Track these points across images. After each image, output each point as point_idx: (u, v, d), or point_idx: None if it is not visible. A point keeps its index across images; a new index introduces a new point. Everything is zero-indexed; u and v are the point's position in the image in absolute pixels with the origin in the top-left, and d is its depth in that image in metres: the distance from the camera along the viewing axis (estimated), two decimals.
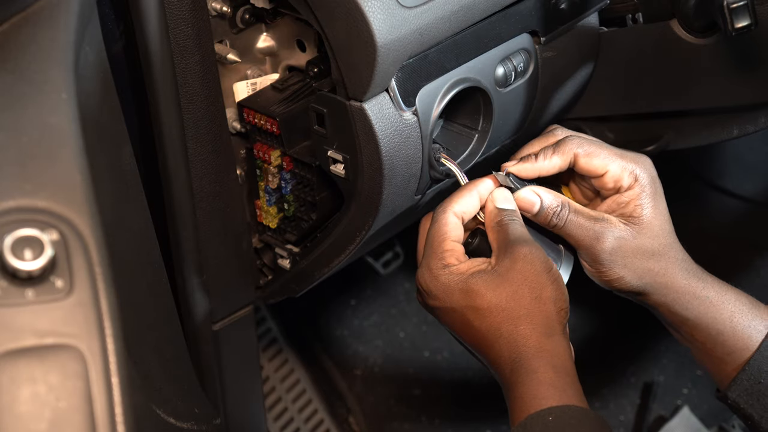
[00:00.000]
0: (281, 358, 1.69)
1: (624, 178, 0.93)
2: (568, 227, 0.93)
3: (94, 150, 0.66)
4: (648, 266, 0.94)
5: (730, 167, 1.84)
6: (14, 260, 0.57)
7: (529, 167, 0.95)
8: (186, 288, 1.04)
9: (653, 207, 0.94)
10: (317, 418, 1.65)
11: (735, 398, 0.93)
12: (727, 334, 0.93)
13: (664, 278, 0.94)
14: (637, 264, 0.93)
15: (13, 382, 0.56)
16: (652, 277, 0.94)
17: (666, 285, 0.94)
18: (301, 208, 1.05)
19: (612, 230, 0.93)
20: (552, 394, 0.83)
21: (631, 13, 1.12)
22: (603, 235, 0.92)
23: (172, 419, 0.84)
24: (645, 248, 0.93)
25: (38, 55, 0.66)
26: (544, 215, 0.93)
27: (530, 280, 0.87)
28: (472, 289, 0.88)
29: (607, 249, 0.92)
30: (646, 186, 0.93)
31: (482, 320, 0.87)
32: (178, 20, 0.90)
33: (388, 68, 0.87)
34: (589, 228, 0.93)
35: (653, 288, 0.95)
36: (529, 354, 0.85)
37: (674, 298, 0.94)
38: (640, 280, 0.94)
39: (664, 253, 0.94)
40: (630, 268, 0.93)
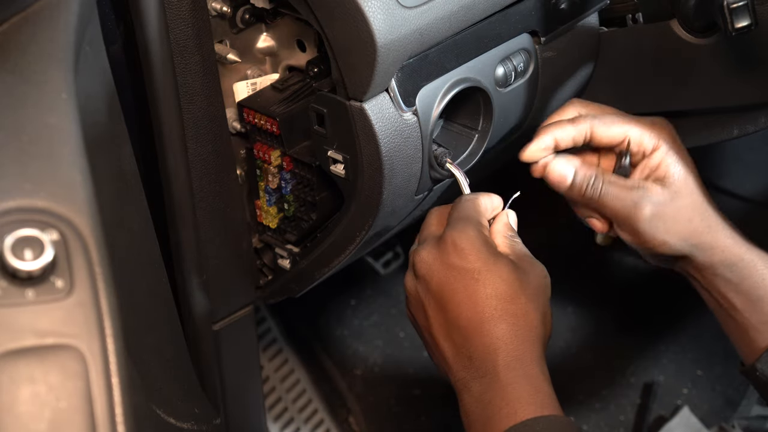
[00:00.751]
0: (281, 358, 1.69)
1: (645, 140, 0.92)
2: (604, 198, 0.91)
3: (94, 150, 0.66)
4: (692, 226, 0.92)
5: (730, 167, 1.84)
6: (14, 260, 0.57)
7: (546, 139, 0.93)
8: (186, 288, 1.04)
9: (684, 164, 0.93)
10: (317, 418, 1.65)
11: (764, 368, 0.91)
12: (766, 300, 0.92)
13: (709, 237, 0.93)
14: (681, 226, 0.92)
15: (13, 382, 0.56)
16: (698, 237, 0.92)
17: (712, 245, 0.93)
18: (301, 208, 1.05)
19: (650, 196, 0.91)
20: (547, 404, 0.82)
21: (631, 13, 1.12)
22: (641, 203, 0.91)
23: (172, 419, 0.84)
24: (686, 208, 0.92)
25: (38, 55, 0.66)
26: (579, 186, 0.92)
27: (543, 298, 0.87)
28: (501, 267, 0.85)
29: (647, 217, 0.91)
30: (670, 145, 0.93)
31: (499, 300, 0.84)
32: (178, 20, 0.90)
33: (388, 68, 0.87)
34: (626, 197, 0.91)
35: (699, 249, 0.93)
36: (532, 357, 0.84)
37: (720, 258, 0.93)
38: (686, 241, 0.93)
39: (703, 211, 0.93)
40: (673, 231, 0.92)
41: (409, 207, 1.03)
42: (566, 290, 1.79)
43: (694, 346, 1.74)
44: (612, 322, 1.81)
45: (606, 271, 1.83)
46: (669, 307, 1.77)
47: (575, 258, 0.97)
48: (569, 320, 1.78)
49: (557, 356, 1.75)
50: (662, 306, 1.78)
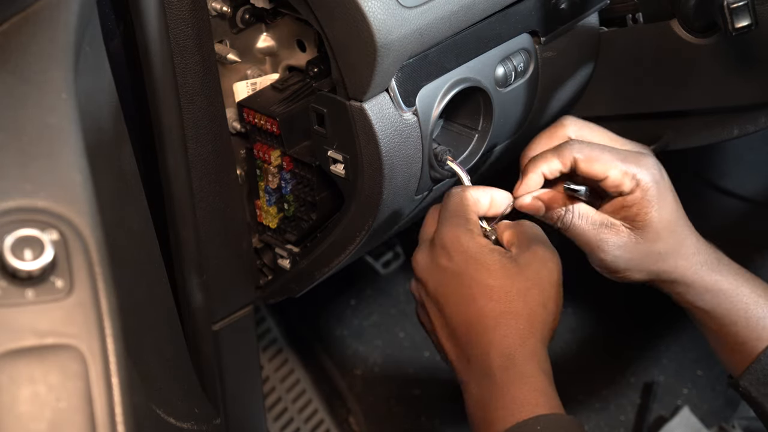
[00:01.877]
0: (281, 358, 1.69)
1: (625, 183, 0.90)
2: (572, 231, 0.93)
3: (94, 150, 0.66)
4: (654, 267, 0.93)
5: (730, 167, 1.84)
6: (14, 260, 0.57)
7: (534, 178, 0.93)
8: (186, 288, 1.04)
9: (658, 209, 0.91)
10: (317, 418, 1.65)
11: (746, 386, 0.93)
12: (741, 325, 0.93)
13: (674, 275, 0.93)
14: (643, 266, 0.93)
15: (13, 382, 0.56)
16: (659, 275, 0.94)
17: (676, 280, 0.94)
18: (301, 208, 1.05)
19: (615, 238, 0.92)
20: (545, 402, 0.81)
21: (631, 13, 1.12)
22: (604, 243, 0.92)
23: (172, 419, 0.84)
24: (650, 251, 0.92)
25: (38, 55, 0.66)
26: (550, 218, 0.93)
27: (543, 286, 0.86)
28: (489, 265, 0.85)
29: (608, 256, 0.92)
30: (648, 189, 0.91)
31: (487, 300, 0.84)
32: (178, 20, 0.90)
33: (388, 68, 0.87)
34: (592, 236, 0.92)
35: (662, 282, 0.95)
36: (525, 355, 0.83)
37: (685, 290, 0.94)
38: (647, 276, 0.94)
39: (672, 252, 0.93)
40: (635, 269, 0.93)
41: (409, 207, 1.03)
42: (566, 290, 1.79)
43: (694, 346, 1.74)
44: (612, 322, 1.81)
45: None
46: (669, 307, 1.76)
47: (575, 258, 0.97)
48: (569, 320, 1.78)
49: (557, 356, 1.75)
50: (662, 306, 1.77)
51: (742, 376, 0.93)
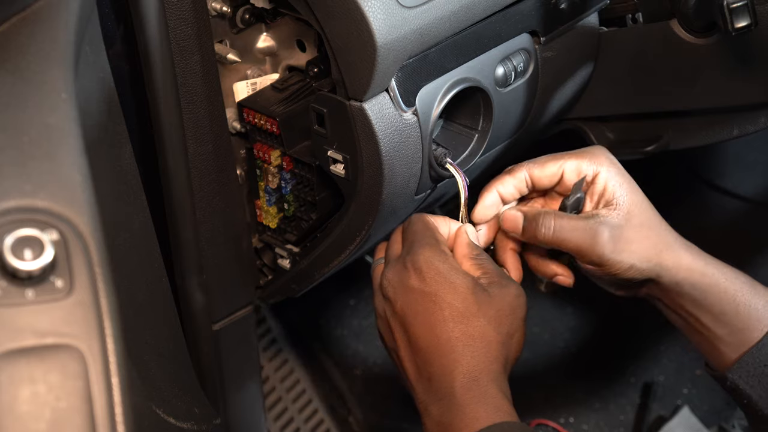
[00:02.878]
0: (281, 358, 1.69)
1: (583, 167, 0.93)
2: (560, 234, 0.91)
3: (94, 150, 0.66)
4: (652, 245, 0.92)
5: (730, 167, 1.84)
6: (14, 260, 0.57)
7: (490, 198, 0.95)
8: (186, 288, 1.04)
9: (628, 185, 0.93)
10: (317, 418, 1.65)
11: (735, 380, 0.93)
12: (730, 313, 0.92)
13: (671, 254, 0.93)
14: (642, 247, 0.92)
15: (13, 382, 0.56)
16: (660, 256, 0.92)
17: (675, 262, 0.93)
18: (301, 208, 1.05)
19: (605, 221, 0.91)
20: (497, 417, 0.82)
21: (631, 13, 1.12)
22: (598, 230, 0.91)
23: (172, 419, 0.84)
24: (642, 227, 0.92)
25: (38, 55, 0.66)
26: (530, 229, 0.93)
27: (511, 318, 0.87)
28: (461, 289, 0.86)
29: (607, 243, 0.91)
30: (610, 167, 0.93)
31: (457, 323, 0.85)
32: (178, 20, 0.90)
33: (388, 68, 0.87)
34: (583, 227, 0.91)
35: (663, 268, 0.93)
36: (489, 379, 0.84)
37: (684, 276, 0.93)
38: (650, 261, 0.92)
39: (660, 228, 0.93)
40: (637, 253, 0.92)
41: (409, 207, 1.03)
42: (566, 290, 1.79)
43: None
44: (612, 322, 1.81)
45: None
46: None
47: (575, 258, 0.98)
48: (569, 320, 1.79)
49: (557, 356, 1.75)
50: None
51: (731, 369, 0.93)
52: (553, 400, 1.68)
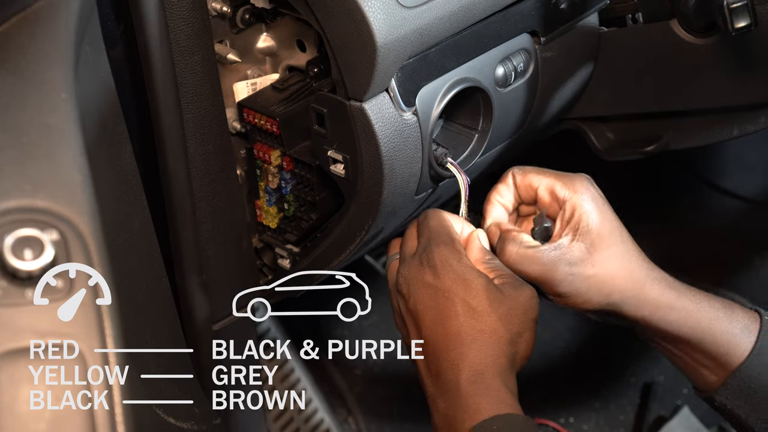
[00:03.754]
0: (281, 358, 1.69)
1: (557, 188, 0.92)
2: (519, 265, 0.91)
3: (94, 150, 0.66)
4: (615, 283, 0.91)
5: (730, 167, 1.84)
6: (14, 260, 0.57)
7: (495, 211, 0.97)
8: (186, 288, 1.04)
9: (598, 213, 0.91)
10: (317, 418, 1.65)
11: (722, 401, 0.92)
12: (708, 341, 0.91)
13: (635, 292, 0.91)
14: (602, 284, 0.91)
15: (13, 382, 0.56)
16: (622, 293, 0.91)
17: (638, 298, 0.91)
18: (301, 208, 1.05)
19: (565, 256, 0.90)
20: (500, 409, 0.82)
21: (631, 13, 1.12)
22: (556, 264, 0.90)
23: (172, 419, 0.84)
24: (606, 263, 0.90)
25: (38, 55, 0.66)
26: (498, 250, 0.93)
27: (523, 318, 0.87)
28: (475, 287, 0.86)
29: (564, 278, 0.90)
30: (583, 193, 0.91)
31: (468, 317, 0.85)
32: (178, 20, 0.90)
33: (388, 68, 0.87)
34: (541, 261, 0.90)
35: (625, 304, 0.92)
36: (494, 373, 0.84)
37: (650, 311, 0.92)
38: (608, 298, 0.91)
39: (625, 263, 0.91)
40: (594, 290, 0.91)
41: (409, 207, 1.03)
42: None
43: None
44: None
45: None
46: None
47: None
48: (569, 320, 1.78)
49: (557, 356, 1.75)
50: None
51: (717, 391, 0.92)
52: (553, 400, 1.67)
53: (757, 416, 0.91)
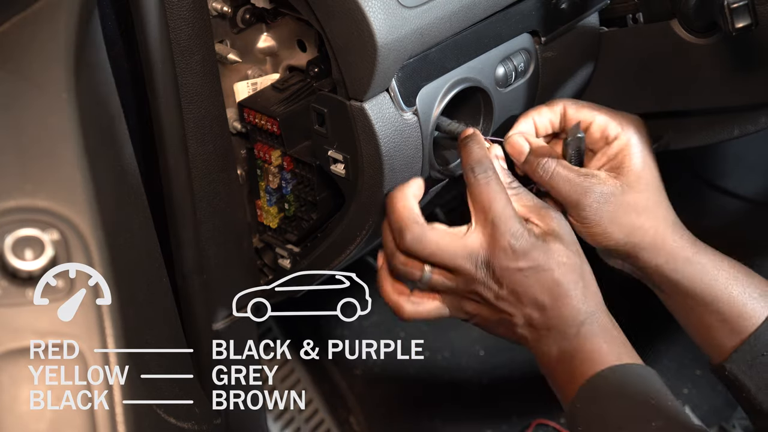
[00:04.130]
0: (282, 359, 1.69)
1: (610, 126, 0.94)
2: (554, 180, 0.93)
3: (94, 150, 0.66)
4: (637, 223, 0.93)
5: (730, 167, 1.84)
6: (15, 260, 0.57)
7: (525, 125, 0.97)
8: (186, 288, 1.04)
9: (642, 158, 0.94)
10: (317, 418, 1.65)
11: (733, 369, 0.92)
12: (723, 301, 0.92)
13: (654, 237, 0.93)
14: (626, 220, 0.93)
15: (13, 382, 0.56)
16: (641, 236, 0.93)
17: (656, 245, 0.94)
18: (302, 208, 1.05)
19: (599, 185, 0.93)
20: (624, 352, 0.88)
21: (632, 13, 1.12)
22: (589, 190, 0.92)
23: (172, 419, 0.84)
24: (634, 204, 0.93)
25: (38, 55, 0.66)
26: (531, 164, 0.94)
27: (576, 241, 0.91)
28: (553, 247, 0.88)
29: (593, 204, 0.92)
30: (633, 136, 0.94)
31: (567, 274, 0.88)
32: (179, 20, 0.90)
33: (389, 68, 0.87)
34: (576, 182, 0.92)
35: (643, 247, 0.94)
36: (600, 308, 0.89)
37: (666, 260, 0.94)
38: (628, 237, 0.94)
39: (653, 210, 0.94)
40: (618, 224, 0.93)
41: None
42: None
43: (694, 346, 1.73)
44: None
45: (606, 272, 1.83)
46: None
47: None
48: None
49: None
50: (662, 306, 1.77)
51: (729, 358, 0.92)
52: (554, 400, 1.67)
53: None
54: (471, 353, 1.73)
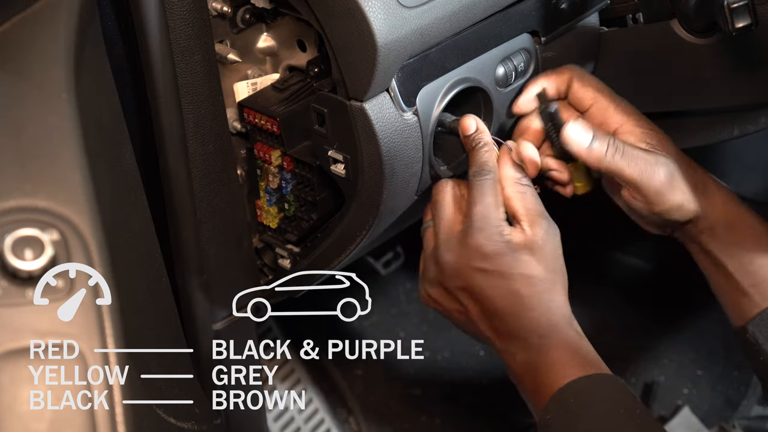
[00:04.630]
0: (282, 359, 1.69)
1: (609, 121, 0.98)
2: (622, 162, 0.93)
3: (94, 150, 0.66)
4: (703, 187, 0.97)
5: (730, 167, 1.84)
6: (14, 260, 0.57)
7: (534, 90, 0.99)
8: (186, 288, 1.04)
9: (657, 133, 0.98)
10: (317, 418, 1.65)
11: (754, 331, 0.95)
12: (758, 263, 0.95)
13: (715, 197, 0.97)
14: (690, 187, 0.96)
15: (13, 382, 0.56)
16: (708, 198, 0.97)
17: (714, 202, 0.97)
18: (302, 208, 1.05)
19: (663, 160, 0.95)
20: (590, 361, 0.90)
21: (632, 13, 1.12)
22: (658, 166, 0.94)
23: (172, 419, 0.84)
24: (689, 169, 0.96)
25: (39, 55, 0.66)
26: (598, 151, 0.94)
27: (559, 256, 0.94)
28: (525, 258, 0.92)
29: (665, 180, 0.94)
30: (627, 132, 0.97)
31: (530, 287, 0.91)
32: (179, 20, 0.90)
33: (389, 68, 0.87)
34: (646, 160, 0.94)
35: (708, 210, 0.97)
36: (564, 322, 0.91)
37: (721, 216, 0.97)
38: (698, 203, 0.96)
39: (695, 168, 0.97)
40: (687, 193, 0.96)
41: (409, 207, 1.03)
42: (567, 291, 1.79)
43: (694, 346, 1.74)
44: (612, 321, 1.81)
45: (606, 271, 1.83)
46: (669, 307, 1.77)
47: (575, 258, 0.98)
48: None
49: None
50: (662, 306, 1.78)
51: (752, 320, 0.95)
52: None
53: None
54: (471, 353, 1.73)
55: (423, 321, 1.76)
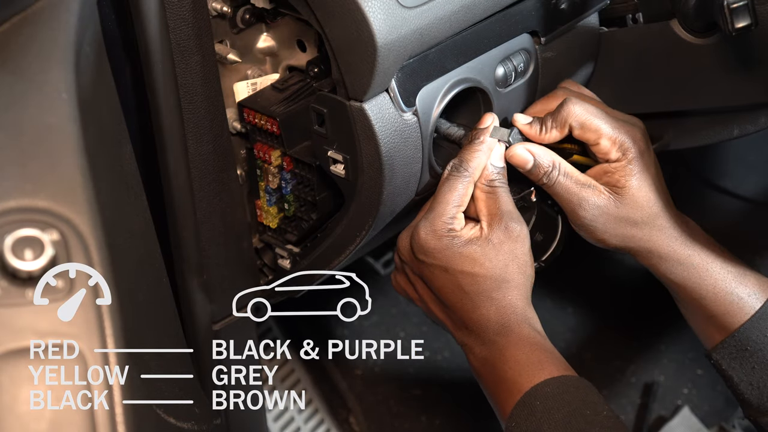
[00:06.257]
0: (281, 358, 1.69)
1: (612, 152, 0.97)
2: (556, 188, 0.98)
3: (94, 150, 0.66)
4: (630, 233, 0.99)
5: (730, 167, 1.84)
6: (14, 260, 0.57)
7: (534, 135, 1.00)
8: (186, 288, 1.04)
9: (639, 179, 0.98)
10: (317, 418, 1.65)
11: (718, 359, 0.98)
12: (709, 299, 0.98)
13: (647, 244, 0.99)
14: (619, 230, 0.99)
15: (13, 382, 0.56)
16: (635, 243, 0.99)
17: (649, 250, 0.99)
18: (302, 208, 1.05)
19: (594, 198, 0.97)
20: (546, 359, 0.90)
21: (632, 13, 1.12)
22: (585, 201, 0.97)
23: (172, 419, 0.84)
24: (626, 217, 0.98)
25: (38, 55, 0.66)
26: (536, 173, 0.98)
27: (518, 257, 0.95)
28: (470, 256, 0.94)
29: (587, 215, 0.98)
30: (633, 159, 0.98)
31: (474, 285, 0.93)
32: (179, 20, 0.90)
33: (389, 68, 0.87)
34: (574, 193, 0.97)
35: (636, 251, 1.00)
36: (518, 320, 0.93)
37: (658, 262, 1.00)
38: (622, 243, 1.00)
39: (647, 222, 0.98)
40: (611, 233, 0.99)
41: (409, 207, 1.03)
42: (566, 291, 1.79)
43: (694, 346, 1.74)
44: (612, 322, 1.81)
45: (606, 272, 1.83)
46: (669, 307, 1.77)
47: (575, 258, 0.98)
48: (569, 320, 1.78)
49: None
50: (662, 306, 1.77)
51: (714, 350, 0.98)
52: None
53: (748, 381, 0.96)
54: None
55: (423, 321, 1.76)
